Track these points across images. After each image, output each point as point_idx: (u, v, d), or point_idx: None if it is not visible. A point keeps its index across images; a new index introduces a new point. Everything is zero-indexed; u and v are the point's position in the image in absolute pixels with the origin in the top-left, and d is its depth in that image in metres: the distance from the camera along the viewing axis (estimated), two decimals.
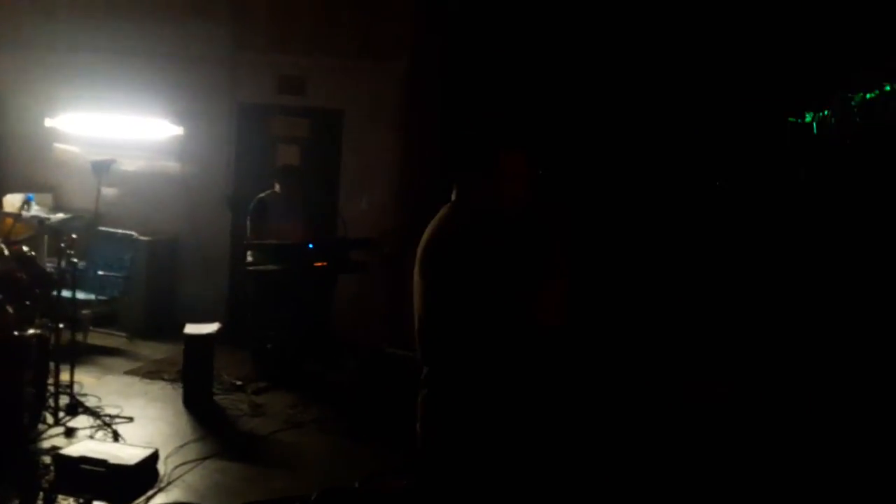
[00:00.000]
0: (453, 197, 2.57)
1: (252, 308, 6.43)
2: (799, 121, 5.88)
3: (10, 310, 4.74)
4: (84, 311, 6.63)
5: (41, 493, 3.90)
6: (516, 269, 2.37)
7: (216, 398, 5.61)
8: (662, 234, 6.59)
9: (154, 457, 4.34)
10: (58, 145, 7.78)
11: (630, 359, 5.88)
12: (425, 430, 2.54)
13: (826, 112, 5.58)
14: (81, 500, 3.85)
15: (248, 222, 6.26)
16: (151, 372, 6.09)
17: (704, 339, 6.25)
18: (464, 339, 2.39)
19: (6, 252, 5.05)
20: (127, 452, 4.27)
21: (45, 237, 6.97)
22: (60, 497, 3.87)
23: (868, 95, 5.06)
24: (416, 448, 2.60)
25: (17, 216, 6.71)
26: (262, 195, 6.32)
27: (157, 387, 5.80)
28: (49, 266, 6.00)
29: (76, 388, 5.31)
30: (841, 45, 5.63)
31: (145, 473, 4.20)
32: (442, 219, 2.52)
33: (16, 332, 4.59)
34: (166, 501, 4.04)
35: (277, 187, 6.34)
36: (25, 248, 5.13)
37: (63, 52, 7.51)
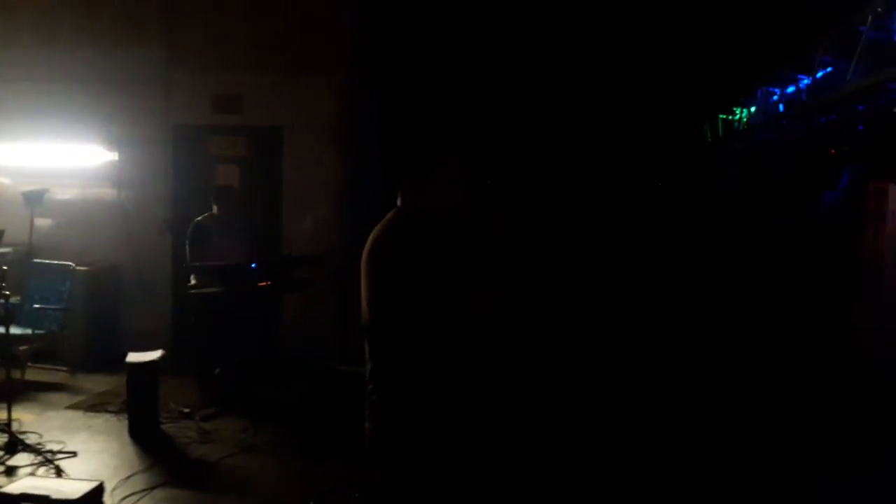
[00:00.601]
0: (398, 202, 2.67)
1: (196, 333, 6.30)
2: (730, 117, 6.04)
3: None
4: (21, 347, 6.41)
5: None
6: (457, 269, 2.45)
7: (163, 427, 5.46)
8: (607, 233, 6.69)
9: (99, 489, 4.19)
10: None
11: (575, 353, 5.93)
12: (374, 425, 2.59)
13: (753, 108, 5.75)
14: None
15: (187, 246, 6.14)
16: (95, 405, 5.90)
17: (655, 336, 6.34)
18: (407, 337, 2.47)
19: None
20: (70, 487, 4.11)
21: None
22: None
23: (789, 89, 5.24)
24: (365, 448, 2.64)
25: None
26: (199, 218, 6.21)
27: (102, 419, 5.62)
28: None
29: (15, 426, 5.13)
30: (760, 43, 5.81)
31: None
32: (387, 222, 2.62)
33: None
34: None
35: (215, 209, 6.24)
36: None
37: None
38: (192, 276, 6.17)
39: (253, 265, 5.82)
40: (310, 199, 7.03)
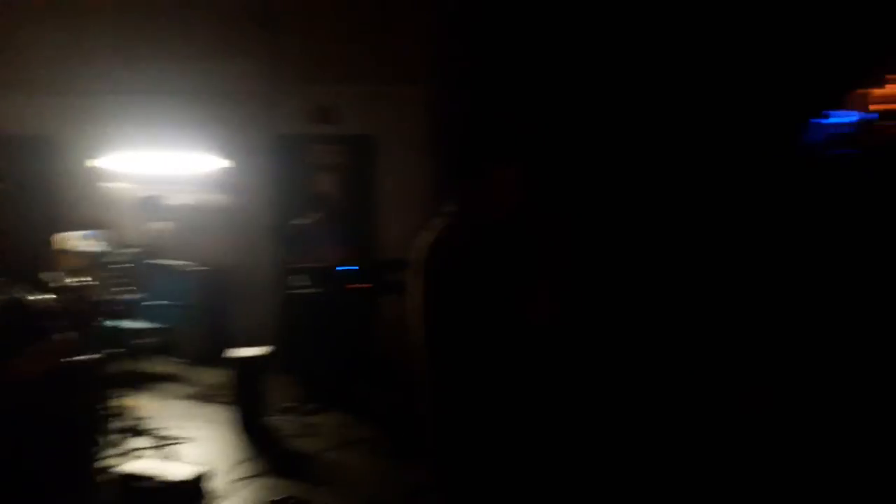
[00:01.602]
0: (453, 207, 2.55)
1: (299, 332, 6.72)
2: (822, 122, 5.90)
3: (65, 338, 5.09)
4: (144, 341, 7.01)
5: None
6: (508, 276, 2.37)
7: (269, 419, 5.86)
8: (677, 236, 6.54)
9: (204, 475, 4.58)
10: (108, 184, 8.21)
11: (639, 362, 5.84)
12: (428, 447, 2.58)
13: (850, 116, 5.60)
14: None
15: (285, 248, 6.55)
16: (208, 396, 6.41)
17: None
18: (459, 347, 2.42)
19: (65, 283, 5.39)
20: (179, 471, 4.50)
21: (98, 272, 7.36)
22: None
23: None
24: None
25: (73, 252, 7.15)
26: (297, 221, 6.61)
27: (212, 409, 6.10)
28: (106, 298, 6.34)
29: (136, 413, 5.65)
30: (852, 44, 5.63)
31: (195, 490, 4.42)
32: (435, 228, 2.52)
33: (71, 359, 4.91)
34: None
35: (312, 214, 6.62)
36: (81, 280, 5.45)
37: (105, 94, 7.92)
38: (291, 278, 6.59)
39: (347, 267, 6.15)
40: (401, 205, 7.31)
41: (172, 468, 4.57)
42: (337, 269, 6.19)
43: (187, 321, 7.27)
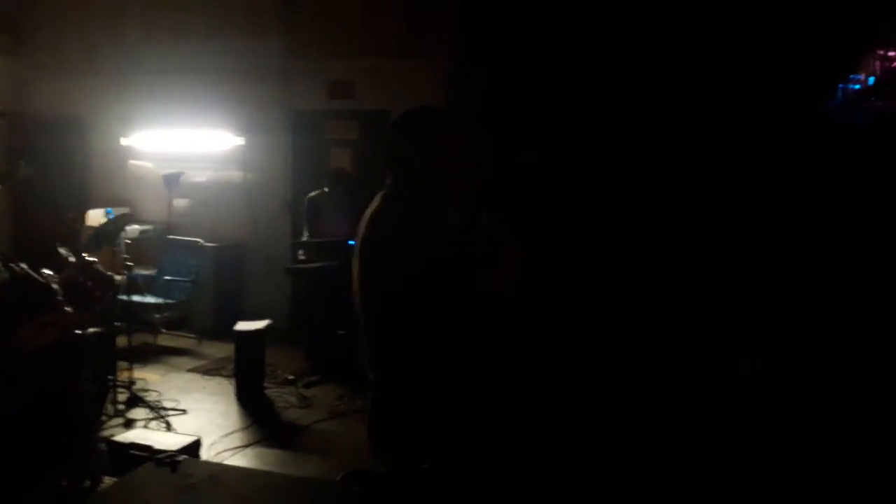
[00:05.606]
0: (388, 183, 2.41)
1: (305, 305, 6.70)
2: (850, 87, 5.59)
3: (71, 310, 5.16)
4: (157, 315, 7.10)
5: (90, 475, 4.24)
6: (457, 253, 2.26)
7: (267, 391, 5.87)
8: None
9: (197, 443, 4.60)
10: (133, 161, 8.34)
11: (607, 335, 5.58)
12: (372, 433, 2.48)
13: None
14: None
15: (300, 224, 6.54)
16: (212, 369, 6.43)
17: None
18: (408, 334, 2.28)
19: (71, 259, 5.48)
20: (172, 440, 4.56)
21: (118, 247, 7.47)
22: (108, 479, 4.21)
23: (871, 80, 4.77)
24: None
25: (96, 228, 7.29)
26: (312, 194, 6.58)
27: (215, 382, 6.13)
28: (123, 273, 6.42)
29: (141, 385, 5.72)
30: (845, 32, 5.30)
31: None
32: (375, 210, 2.37)
33: (77, 332, 4.98)
34: None
35: (327, 189, 6.58)
36: (86, 255, 5.53)
37: (134, 74, 8.08)
38: (300, 252, 6.58)
39: (351, 242, 6.08)
40: None
41: (167, 438, 4.62)
42: (349, 242, 6.14)
43: (201, 296, 7.31)
